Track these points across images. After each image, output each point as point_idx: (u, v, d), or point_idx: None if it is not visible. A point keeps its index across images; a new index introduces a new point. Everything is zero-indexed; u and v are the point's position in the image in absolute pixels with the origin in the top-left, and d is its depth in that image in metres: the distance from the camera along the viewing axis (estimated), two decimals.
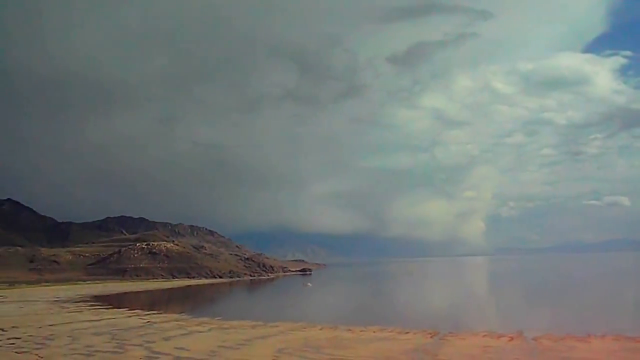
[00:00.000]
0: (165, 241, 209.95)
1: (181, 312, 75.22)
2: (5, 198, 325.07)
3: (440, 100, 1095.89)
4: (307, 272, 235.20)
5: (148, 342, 46.00)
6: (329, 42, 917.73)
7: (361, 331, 51.65)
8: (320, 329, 53.59)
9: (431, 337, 47.67)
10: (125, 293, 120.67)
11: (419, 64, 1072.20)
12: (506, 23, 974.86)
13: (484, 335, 47.48)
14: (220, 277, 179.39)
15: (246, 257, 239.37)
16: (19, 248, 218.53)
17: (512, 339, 45.61)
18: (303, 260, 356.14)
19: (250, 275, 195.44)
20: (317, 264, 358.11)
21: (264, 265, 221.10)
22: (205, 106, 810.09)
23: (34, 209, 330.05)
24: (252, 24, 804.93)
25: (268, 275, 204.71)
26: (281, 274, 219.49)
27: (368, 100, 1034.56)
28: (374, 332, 51.31)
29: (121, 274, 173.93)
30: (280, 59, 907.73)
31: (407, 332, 50.40)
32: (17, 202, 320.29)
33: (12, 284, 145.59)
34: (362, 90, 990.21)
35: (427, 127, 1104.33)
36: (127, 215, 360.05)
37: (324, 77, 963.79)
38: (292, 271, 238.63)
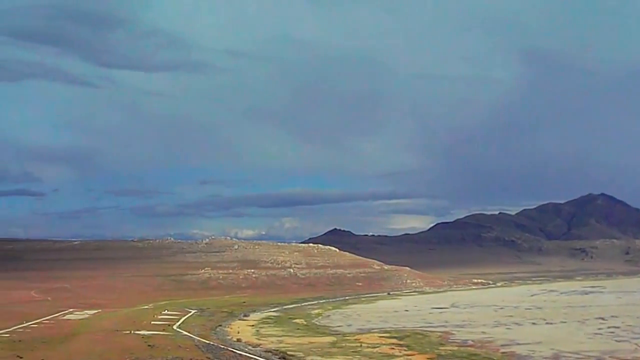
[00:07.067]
0: None
1: None
2: (599, 193, 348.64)
3: None
4: None
5: None
6: None
7: None
8: None
9: None
10: None
11: None
12: None
13: None
14: None
15: None
16: (615, 240, 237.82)
17: None
18: None
19: None
20: None
21: None
22: None
23: (627, 203, 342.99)
24: None
25: None
26: None
27: None
28: None
29: None
30: None
31: None
32: (611, 197, 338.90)
33: (609, 274, 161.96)
34: None
35: None
36: None
37: None
38: None
